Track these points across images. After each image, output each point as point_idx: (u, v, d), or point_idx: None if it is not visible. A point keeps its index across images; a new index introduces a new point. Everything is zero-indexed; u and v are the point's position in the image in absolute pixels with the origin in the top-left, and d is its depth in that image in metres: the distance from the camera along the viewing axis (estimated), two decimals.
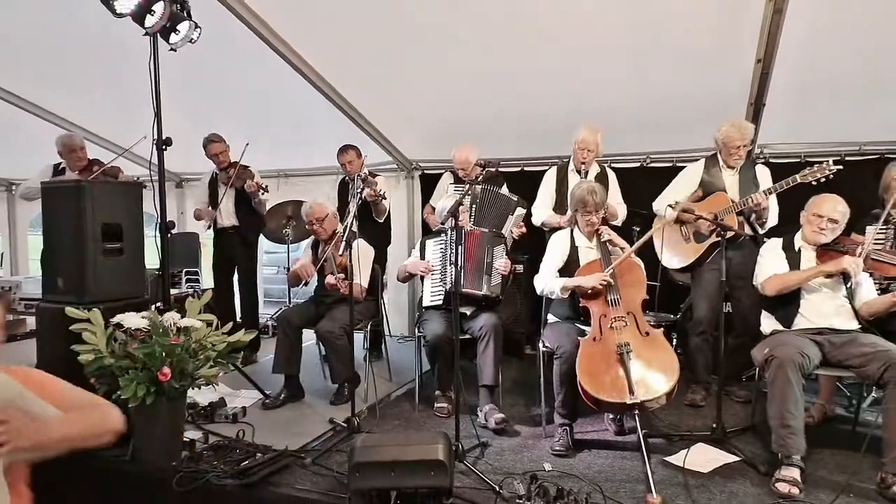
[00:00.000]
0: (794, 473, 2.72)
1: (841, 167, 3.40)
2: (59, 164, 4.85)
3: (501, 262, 3.87)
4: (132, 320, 2.92)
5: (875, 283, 3.17)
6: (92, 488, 3.02)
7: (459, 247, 3.82)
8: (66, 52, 4.61)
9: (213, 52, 3.83)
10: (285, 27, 4.09)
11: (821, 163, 3.44)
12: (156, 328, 2.92)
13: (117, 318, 2.94)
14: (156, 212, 3.48)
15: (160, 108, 3.32)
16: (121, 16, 3.11)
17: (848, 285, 3.08)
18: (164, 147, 3.38)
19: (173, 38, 3.38)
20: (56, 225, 3.29)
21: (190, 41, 3.46)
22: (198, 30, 3.47)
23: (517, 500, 2.45)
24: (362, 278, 4.00)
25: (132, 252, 3.39)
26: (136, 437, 2.99)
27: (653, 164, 5.05)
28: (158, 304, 3.35)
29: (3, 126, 5.93)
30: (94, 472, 3.02)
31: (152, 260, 3.58)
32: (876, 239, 3.30)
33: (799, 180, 3.48)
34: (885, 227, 3.33)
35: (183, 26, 3.39)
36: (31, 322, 6.16)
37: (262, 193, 4.87)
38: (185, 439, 3.14)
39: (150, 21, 3.20)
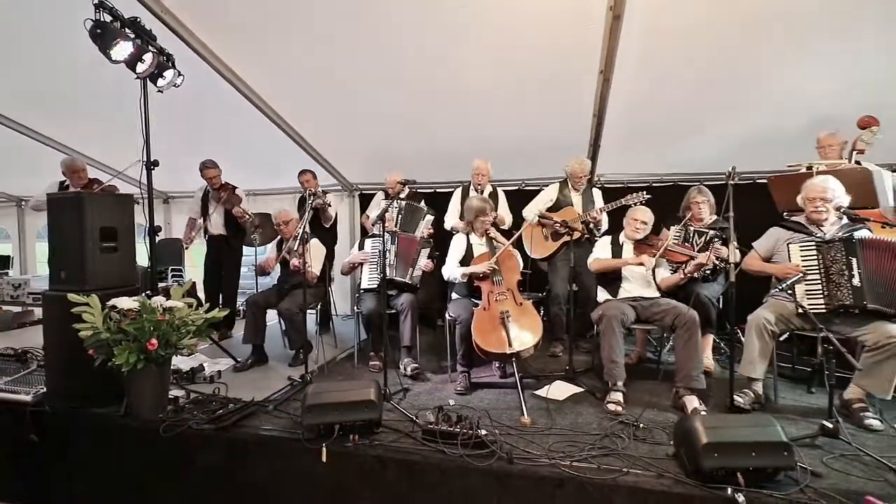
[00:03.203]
0: (619, 397, 2.91)
1: (650, 196, 3.64)
2: (64, 181, 4.41)
3: (424, 262, 3.87)
4: (125, 303, 2.72)
5: (669, 267, 3.41)
6: (93, 438, 2.81)
7: (392, 246, 3.83)
8: (70, 89, 4.23)
9: (195, 94, 3.59)
10: (255, 78, 3.97)
11: (638, 189, 3.69)
12: (145, 308, 2.73)
13: (112, 302, 2.73)
14: (145, 220, 3.26)
15: (149, 137, 3.10)
16: (116, 62, 2.90)
17: (651, 270, 3.31)
18: (151, 167, 3.16)
19: (160, 82, 3.19)
20: (61, 228, 2.99)
21: (174, 85, 3.28)
22: (181, 76, 3.29)
23: (429, 425, 2.45)
24: (315, 267, 3.93)
25: (125, 250, 3.13)
26: (129, 396, 2.79)
27: (527, 188, 5.21)
28: (148, 292, 3.14)
29: (15, 151, 5.36)
30: (94, 425, 2.81)
31: (144, 261, 3.35)
32: (675, 236, 3.52)
33: (623, 203, 3.72)
34: (681, 229, 3.55)
35: (168, 73, 3.21)
36: (38, 313, 5.60)
37: (245, 218, 4.60)
38: (170, 397, 2.95)
39: (140, 68, 3.00)
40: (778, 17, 3.05)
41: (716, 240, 3.36)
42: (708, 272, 3.36)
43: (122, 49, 2.88)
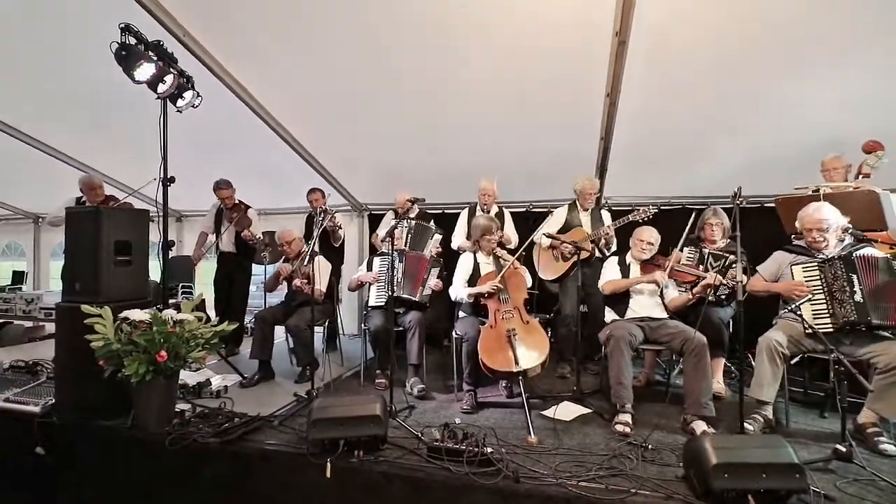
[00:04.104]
0: (627, 418, 2.87)
1: (657, 210, 3.71)
2: (81, 198, 4.52)
3: (434, 281, 3.89)
4: (136, 315, 2.77)
5: (679, 288, 3.40)
6: (100, 450, 2.82)
7: (400, 264, 3.85)
8: (89, 106, 4.38)
9: (211, 114, 3.69)
10: (268, 99, 4.10)
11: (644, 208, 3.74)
12: (157, 320, 2.78)
13: (124, 314, 2.77)
14: (159, 236, 3.33)
15: (167, 154, 3.22)
16: (139, 83, 3.03)
17: (660, 290, 3.32)
18: (168, 183, 3.26)
19: (179, 102, 3.31)
20: (77, 241, 3.05)
21: (193, 106, 3.40)
22: (199, 98, 3.42)
23: (434, 442, 2.43)
24: (322, 285, 3.96)
25: (139, 264, 3.19)
26: (136, 408, 2.81)
27: (535, 209, 5.24)
28: (159, 306, 3.19)
29: (32, 168, 5.51)
30: (101, 437, 2.83)
31: (156, 276, 3.41)
32: (688, 256, 3.51)
33: (630, 219, 3.75)
34: (695, 251, 3.52)
35: (187, 94, 3.33)
36: (49, 328, 5.67)
37: (254, 241, 4.67)
38: (176, 410, 2.95)
39: (161, 88, 3.12)
40: (780, 39, 3.12)
41: (734, 265, 3.33)
42: (723, 297, 3.34)
43: (145, 70, 3.00)
